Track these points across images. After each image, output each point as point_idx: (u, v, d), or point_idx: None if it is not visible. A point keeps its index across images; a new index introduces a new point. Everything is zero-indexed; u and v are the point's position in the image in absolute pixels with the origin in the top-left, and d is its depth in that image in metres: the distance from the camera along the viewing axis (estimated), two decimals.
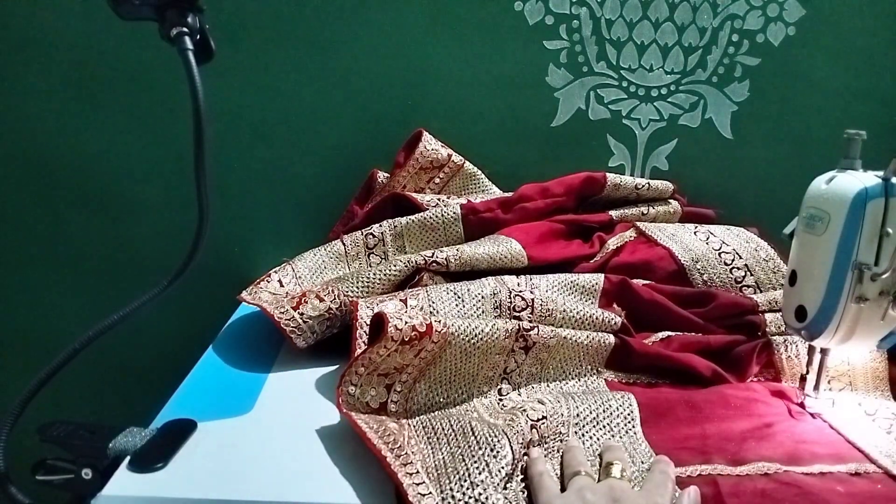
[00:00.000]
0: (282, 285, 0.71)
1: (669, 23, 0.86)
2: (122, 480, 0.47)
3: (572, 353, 0.63)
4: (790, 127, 0.91)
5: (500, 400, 0.59)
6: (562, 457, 0.50)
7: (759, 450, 0.52)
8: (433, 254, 0.70)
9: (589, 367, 0.64)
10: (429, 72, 0.86)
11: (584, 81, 0.88)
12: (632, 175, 0.92)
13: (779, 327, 0.67)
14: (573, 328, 0.65)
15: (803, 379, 0.59)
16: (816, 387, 0.58)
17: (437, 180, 0.87)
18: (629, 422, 0.55)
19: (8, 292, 0.92)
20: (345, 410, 0.52)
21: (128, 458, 0.48)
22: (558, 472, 0.49)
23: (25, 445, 0.47)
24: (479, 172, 0.89)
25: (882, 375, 0.62)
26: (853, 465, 0.51)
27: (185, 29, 0.48)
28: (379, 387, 0.55)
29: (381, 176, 0.88)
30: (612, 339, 0.64)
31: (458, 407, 0.57)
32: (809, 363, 0.58)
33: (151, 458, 0.48)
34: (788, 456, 0.51)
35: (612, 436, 0.54)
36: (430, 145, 0.86)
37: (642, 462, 0.51)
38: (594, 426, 0.54)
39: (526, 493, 0.47)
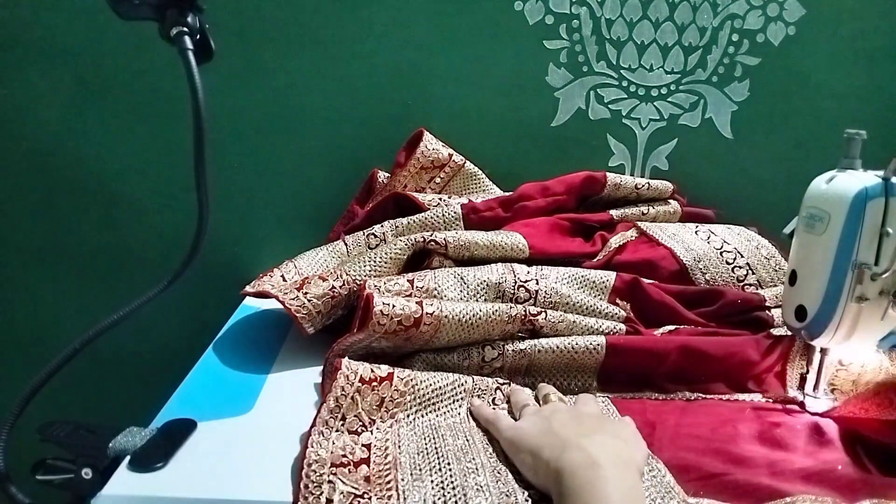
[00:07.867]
0: (284, 280, 0.71)
1: (669, 22, 0.86)
2: (122, 480, 0.47)
3: (563, 363, 0.62)
4: (790, 127, 0.91)
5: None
6: (507, 400, 0.57)
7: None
8: (432, 233, 0.72)
9: (578, 381, 0.62)
10: (429, 72, 0.86)
11: (584, 81, 0.88)
12: (632, 175, 0.92)
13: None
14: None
15: (803, 379, 0.59)
16: (816, 387, 0.58)
17: (438, 180, 0.87)
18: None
19: (8, 292, 0.92)
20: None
21: (128, 457, 0.48)
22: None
23: (25, 445, 0.47)
24: (480, 172, 0.89)
25: None
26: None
27: (185, 29, 0.48)
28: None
29: (382, 176, 0.88)
30: (603, 342, 0.60)
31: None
32: (809, 363, 0.58)
33: (151, 457, 0.48)
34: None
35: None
36: (432, 145, 0.86)
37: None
38: None
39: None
